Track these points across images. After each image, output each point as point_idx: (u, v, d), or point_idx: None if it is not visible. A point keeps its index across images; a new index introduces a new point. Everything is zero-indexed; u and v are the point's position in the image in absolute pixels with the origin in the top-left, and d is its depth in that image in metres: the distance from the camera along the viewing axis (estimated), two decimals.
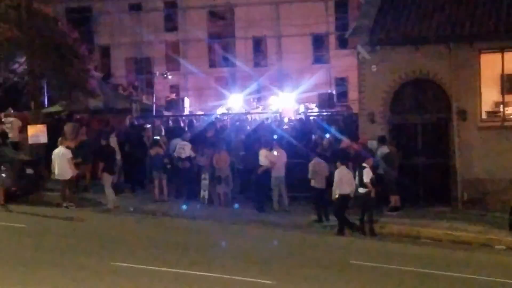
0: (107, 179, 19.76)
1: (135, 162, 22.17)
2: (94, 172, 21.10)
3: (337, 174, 17.25)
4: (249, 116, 31.73)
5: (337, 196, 17.12)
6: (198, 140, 22.06)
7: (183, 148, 21.31)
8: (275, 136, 21.67)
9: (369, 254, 15.12)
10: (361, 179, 17.06)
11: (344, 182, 17.09)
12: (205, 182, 20.70)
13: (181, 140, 21.78)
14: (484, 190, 19.41)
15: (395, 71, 20.21)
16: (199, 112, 37.12)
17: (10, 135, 23.24)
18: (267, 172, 19.69)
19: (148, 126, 26.47)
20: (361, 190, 17.09)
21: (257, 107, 36.80)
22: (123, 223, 18.23)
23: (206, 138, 22.12)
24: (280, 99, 36.95)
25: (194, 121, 28.88)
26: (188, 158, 21.25)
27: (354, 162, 18.42)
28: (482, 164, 19.59)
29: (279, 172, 19.69)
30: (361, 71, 20.76)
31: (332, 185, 17.43)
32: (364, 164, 17.24)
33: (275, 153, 19.80)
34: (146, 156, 21.96)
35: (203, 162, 20.92)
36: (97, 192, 20.80)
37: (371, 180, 17.02)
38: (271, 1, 46.87)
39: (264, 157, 19.77)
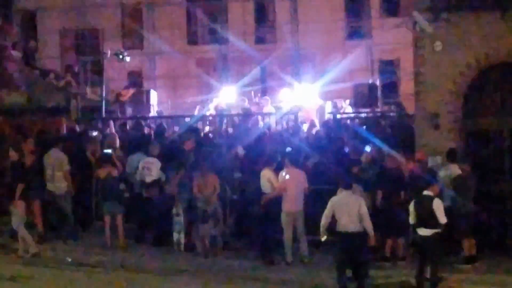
0: (20, 210, 19.85)
1: (75, 188, 22.31)
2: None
3: (331, 203, 17.19)
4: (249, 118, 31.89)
5: (324, 237, 17.30)
6: (171, 156, 22.25)
7: (149, 168, 21.57)
8: (288, 149, 21.78)
9: None
10: (422, 215, 17.00)
11: (343, 215, 16.99)
12: (178, 219, 20.88)
13: (146, 156, 22.02)
14: None
15: (471, 51, 20.49)
16: (173, 113, 37.39)
17: None
18: (276, 204, 19.87)
19: (95, 133, 26.69)
20: (423, 231, 17.07)
21: (262, 105, 37.00)
22: (58, 280, 18.27)
23: (183, 152, 22.32)
24: (296, 93, 37.14)
25: (165, 126, 29.12)
26: (157, 183, 21.47)
27: (409, 188, 18.72)
28: None
29: (293, 204, 19.82)
30: (418, 51, 21.06)
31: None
32: (427, 192, 17.19)
33: (284, 174, 19.91)
34: (92, 180, 22.19)
35: (169, 190, 21.13)
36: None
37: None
38: None
39: (266, 180, 19.99)
